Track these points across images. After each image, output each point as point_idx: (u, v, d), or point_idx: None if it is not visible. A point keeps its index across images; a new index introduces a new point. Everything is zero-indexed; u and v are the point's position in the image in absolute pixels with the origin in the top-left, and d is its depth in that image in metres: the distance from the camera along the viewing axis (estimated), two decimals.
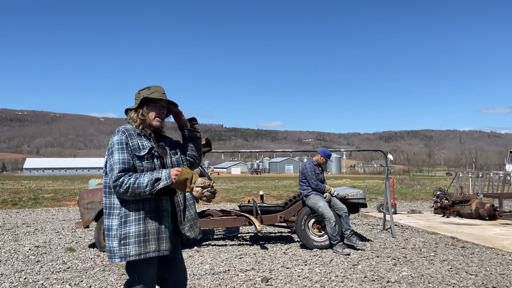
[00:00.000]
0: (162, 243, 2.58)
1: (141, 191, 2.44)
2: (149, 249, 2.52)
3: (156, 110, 2.70)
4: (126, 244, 2.48)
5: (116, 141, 2.57)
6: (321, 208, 6.67)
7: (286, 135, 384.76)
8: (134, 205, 2.52)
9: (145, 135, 2.67)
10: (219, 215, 7.49)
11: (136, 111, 2.68)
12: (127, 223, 2.50)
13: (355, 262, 5.92)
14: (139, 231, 2.50)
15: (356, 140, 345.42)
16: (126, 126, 2.67)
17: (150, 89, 2.70)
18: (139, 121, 2.68)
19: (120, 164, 2.49)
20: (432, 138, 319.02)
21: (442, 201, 11.47)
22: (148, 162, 2.59)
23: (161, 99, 2.70)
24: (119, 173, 2.47)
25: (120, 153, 2.53)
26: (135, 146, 2.58)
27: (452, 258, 6.12)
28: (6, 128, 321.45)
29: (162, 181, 2.43)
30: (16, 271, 5.51)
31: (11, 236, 8.30)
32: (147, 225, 2.53)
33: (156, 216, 2.58)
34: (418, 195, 18.72)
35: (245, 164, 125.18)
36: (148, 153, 2.60)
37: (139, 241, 2.50)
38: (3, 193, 17.03)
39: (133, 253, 2.49)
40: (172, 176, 2.45)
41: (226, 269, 5.57)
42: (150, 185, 2.43)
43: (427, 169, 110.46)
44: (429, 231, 8.65)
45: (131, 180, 2.44)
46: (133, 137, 2.60)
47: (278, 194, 17.38)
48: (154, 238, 2.54)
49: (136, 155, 2.56)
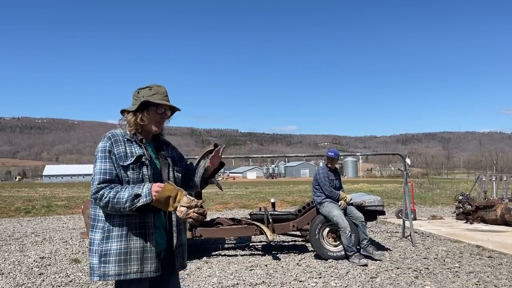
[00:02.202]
0: (147, 264, 2.28)
1: (121, 207, 2.16)
2: (130, 270, 2.24)
3: (157, 114, 2.40)
4: (106, 262, 2.22)
5: (100, 148, 2.31)
6: (336, 217, 6.30)
7: (302, 139, 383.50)
8: (118, 220, 2.25)
9: (136, 141, 2.36)
10: (229, 223, 7.17)
11: (135, 114, 2.37)
12: (109, 239, 2.24)
13: (373, 274, 5.53)
14: (120, 249, 2.23)
15: (373, 143, 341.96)
16: (114, 131, 2.38)
17: (152, 89, 2.41)
18: (136, 126, 2.38)
19: (101, 175, 2.23)
20: (450, 140, 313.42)
21: (465, 206, 10.92)
22: (135, 172, 2.30)
23: (162, 104, 2.39)
24: (99, 185, 2.21)
25: (102, 162, 2.26)
26: (121, 154, 2.29)
27: (479, 270, 5.68)
28: (27, 136, 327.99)
29: (141, 198, 2.14)
30: (17, 285, 5.29)
31: (18, 246, 8.12)
32: (130, 242, 2.25)
33: (142, 233, 2.28)
34: (438, 200, 18.10)
35: (261, 168, 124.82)
36: (135, 162, 2.30)
37: (119, 260, 2.22)
38: (17, 200, 17.04)
39: (112, 273, 2.22)
40: (153, 192, 2.15)
41: (234, 282, 5.24)
42: (130, 201, 2.15)
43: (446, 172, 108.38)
44: (452, 239, 8.17)
45: (111, 194, 2.17)
46: (119, 144, 2.31)
47: (292, 200, 16.98)
48: (137, 258, 2.25)
49: (121, 165, 2.27)
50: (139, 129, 2.40)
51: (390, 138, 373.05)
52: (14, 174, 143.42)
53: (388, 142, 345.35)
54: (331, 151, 6.86)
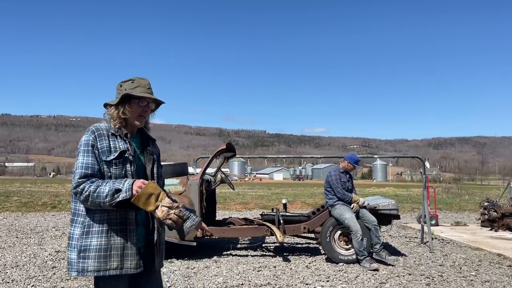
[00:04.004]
0: (127, 260, 2.25)
1: (101, 202, 2.11)
2: (110, 266, 2.20)
3: (139, 108, 2.36)
4: (85, 258, 2.18)
5: (83, 142, 2.25)
6: (347, 220, 6.15)
7: (330, 141, 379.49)
8: (99, 215, 2.21)
9: (121, 135, 2.32)
10: (240, 223, 7.14)
11: (117, 107, 2.33)
12: (89, 234, 2.20)
13: (383, 279, 5.37)
14: (100, 244, 2.19)
15: (404, 147, 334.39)
16: (98, 124, 2.34)
17: (134, 82, 2.36)
18: (119, 119, 2.34)
19: (83, 169, 2.18)
20: (485, 145, 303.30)
21: (490, 213, 10.50)
22: (117, 168, 2.26)
23: (144, 96, 2.35)
24: (80, 179, 2.16)
25: (84, 156, 2.22)
26: (104, 149, 2.24)
27: (495, 279, 5.42)
28: (61, 133, 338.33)
29: (121, 193, 2.09)
30: (28, 277, 5.41)
31: (37, 239, 8.35)
32: (111, 238, 2.21)
33: (123, 229, 2.24)
34: (465, 206, 17.48)
35: (288, 170, 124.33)
36: (119, 157, 2.26)
37: (99, 256, 2.18)
38: (45, 195, 17.56)
39: (91, 269, 2.18)
40: (134, 188, 2.10)
41: (240, 283, 5.20)
42: (110, 196, 2.10)
43: (480, 178, 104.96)
44: (473, 247, 7.86)
45: (91, 188, 2.12)
46: (103, 138, 2.27)
47: (313, 202, 16.78)
48: (117, 254, 2.22)
49: (104, 160, 2.24)
50: (123, 122, 2.37)
51: (421, 142, 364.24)
52: (49, 171, 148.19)
53: (419, 146, 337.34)
54: (355, 156, 6.68)
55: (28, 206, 15.10)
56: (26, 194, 17.79)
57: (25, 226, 10.37)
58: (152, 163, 2.44)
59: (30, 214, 13.64)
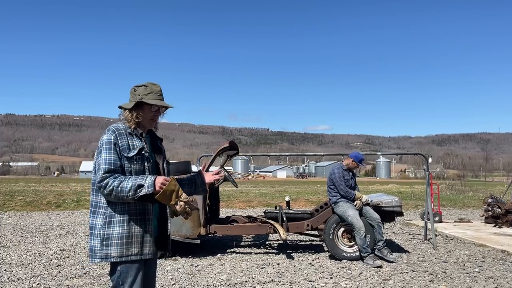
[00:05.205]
0: (146, 247, 2.50)
1: (124, 195, 2.36)
2: (132, 252, 2.45)
3: (151, 113, 2.60)
4: (108, 245, 2.42)
5: (105, 140, 2.48)
6: (350, 217, 6.17)
7: (333, 139, 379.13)
8: (120, 206, 2.45)
9: (137, 134, 2.57)
10: (244, 221, 7.16)
11: (131, 111, 2.57)
12: (111, 224, 2.44)
13: (387, 276, 5.39)
14: (122, 233, 2.43)
15: (407, 143, 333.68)
16: (117, 125, 2.59)
17: (147, 87, 2.58)
18: (133, 122, 2.58)
19: (106, 165, 2.41)
20: (489, 142, 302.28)
21: (494, 210, 10.48)
22: (137, 163, 2.51)
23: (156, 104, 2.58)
24: (104, 174, 2.39)
25: (107, 153, 2.45)
26: (125, 147, 2.49)
27: (499, 275, 5.43)
28: (65, 133, 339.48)
29: (144, 188, 2.35)
30: (33, 275, 5.46)
31: (42, 238, 8.41)
32: (131, 227, 2.46)
33: (142, 218, 2.49)
34: (469, 202, 17.46)
35: (291, 168, 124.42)
36: (138, 154, 2.51)
37: (121, 243, 2.42)
38: (50, 195, 17.67)
39: (115, 255, 2.42)
40: (157, 185, 2.36)
41: (243, 280, 5.23)
42: (133, 190, 2.35)
43: (484, 175, 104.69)
44: (476, 243, 7.86)
45: (115, 183, 2.36)
46: (123, 137, 2.51)
47: (317, 200, 16.79)
48: (138, 241, 2.47)
49: (125, 156, 2.47)
50: (138, 125, 2.62)
51: (425, 139, 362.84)
52: (53, 170, 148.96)
53: (423, 142, 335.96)
54: (359, 154, 6.68)
55: (33, 205, 15.19)
56: (31, 193, 17.91)
57: (30, 225, 10.44)
58: (163, 161, 2.71)
59: (35, 213, 13.72)
